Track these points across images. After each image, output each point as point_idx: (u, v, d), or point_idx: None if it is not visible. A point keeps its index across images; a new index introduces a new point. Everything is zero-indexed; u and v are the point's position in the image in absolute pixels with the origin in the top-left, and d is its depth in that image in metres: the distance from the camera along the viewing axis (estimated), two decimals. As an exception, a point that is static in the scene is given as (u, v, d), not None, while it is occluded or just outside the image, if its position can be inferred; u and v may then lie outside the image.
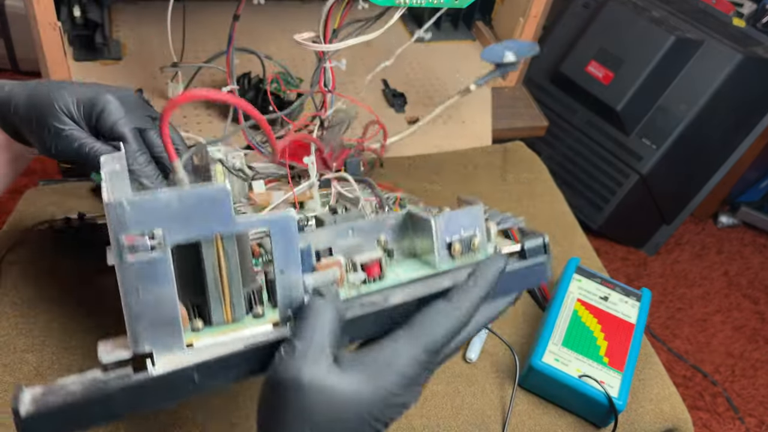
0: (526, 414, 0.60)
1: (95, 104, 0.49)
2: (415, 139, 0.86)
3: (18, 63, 1.79)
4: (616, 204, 1.66)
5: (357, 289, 0.38)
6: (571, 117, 1.68)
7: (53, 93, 0.49)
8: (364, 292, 0.38)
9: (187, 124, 0.80)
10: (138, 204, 0.30)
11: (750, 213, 1.92)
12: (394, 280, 0.39)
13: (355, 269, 0.38)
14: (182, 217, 0.31)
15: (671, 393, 0.65)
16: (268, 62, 0.78)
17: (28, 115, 0.49)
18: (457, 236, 0.40)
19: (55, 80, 0.51)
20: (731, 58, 1.48)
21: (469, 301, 0.36)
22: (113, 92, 0.51)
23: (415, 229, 0.41)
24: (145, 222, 0.30)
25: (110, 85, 0.52)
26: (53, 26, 0.70)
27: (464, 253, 0.40)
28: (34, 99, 0.49)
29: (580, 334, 0.62)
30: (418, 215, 0.40)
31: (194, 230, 0.31)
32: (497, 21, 1.05)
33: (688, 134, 1.54)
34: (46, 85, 0.50)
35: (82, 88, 0.50)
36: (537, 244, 0.41)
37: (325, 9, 0.56)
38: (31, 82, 0.51)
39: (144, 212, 0.30)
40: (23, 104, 0.49)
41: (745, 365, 1.58)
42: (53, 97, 0.49)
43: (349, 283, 0.38)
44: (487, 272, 0.38)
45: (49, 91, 0.49)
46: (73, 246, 0.64)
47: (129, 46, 0.89)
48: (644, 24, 1.53)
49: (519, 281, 0.41)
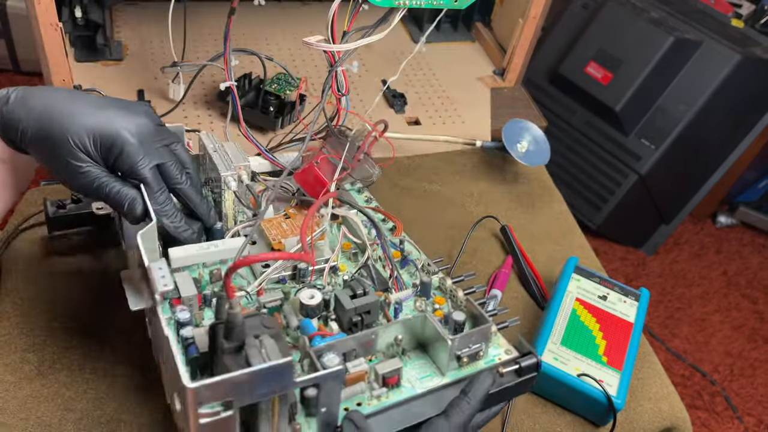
0: (525, 413, 0.60)
1: (114, 144, 0.47)
2: (415, 141, 0.86)
3: (19, 63, 1.79)
4: (615, 204, 1.66)
5: (379, 401, 0.44)
6: (570, 117, 1.68)
7: (66, 126, 0.46)
8: (386, 405, 0.44)
9: (188, 125, 0.81)
10: (215, 385, 0.34)
11: (748, 213, 1.92)
12: (409, 390, 0.45)
13: (377, 380, 0.45)
14: (251, 387, 0.35)
15: (670, 392, 0.65)
16: (268, 63, 0.78)
17: (40, 146, 0.47)
18: (467, 350, 0.47)
19: (64, 102, 0.48)
20: (730, 58, 1.48)
21: (464, 416, 0.43)
22: (130, 128, 0.48)
23: (431, 334, 0.47)
24: (218, 396, 0.35)
25: (122, 106, 0.50)
26: (54, 27, 0.70)
27: (470, 363, 0.48)
28: (45, 132, 0.47)
29: (578, 333, 0.63)
30: (436, 331, 0.46)
31: (259, 395, 0.36)
32: (496, 22, 1.05)
33: (687, 134, 1.54)
34: (57, 115, 0.47)
35: (96, 118, 0.48)
36: (531, 363, 0.48)
37: (331, 11, 0.56)
38: (36, 100, 0.48)
39: (220, 390, 0.35)
40: (33, 134, 0.47)
41: (744, 365, 1.58)
42: (67, 130, 0.46)
43: (372, 395, 0.44)
44: (480, 390, 0.44)
45: (62, 124, 0.47)
46: (74, 246, 0.65)
47: (130, 47, 0.89)
48: (643, 25, 1.53)
49: (510, 392, 0.48)
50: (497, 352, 0.49)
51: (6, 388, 0.53)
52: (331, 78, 0.61)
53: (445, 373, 0.47)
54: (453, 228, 0.76)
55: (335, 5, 0.56)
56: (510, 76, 0.99)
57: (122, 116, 0.49)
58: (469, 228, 0.76)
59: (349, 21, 0.58)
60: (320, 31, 0.58)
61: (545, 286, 0.72)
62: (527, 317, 0.69)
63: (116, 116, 0.48)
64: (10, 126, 0.48)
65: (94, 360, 0.56)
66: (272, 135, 0.81)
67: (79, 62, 0.84)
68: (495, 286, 0.70)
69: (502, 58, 0.99)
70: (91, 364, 0.55)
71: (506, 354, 0.49)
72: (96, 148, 0.47)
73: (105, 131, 0.47)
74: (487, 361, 0.48)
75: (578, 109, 1.66)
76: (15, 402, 0.52)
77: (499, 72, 1.00)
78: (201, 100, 0.84)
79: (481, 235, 0.76)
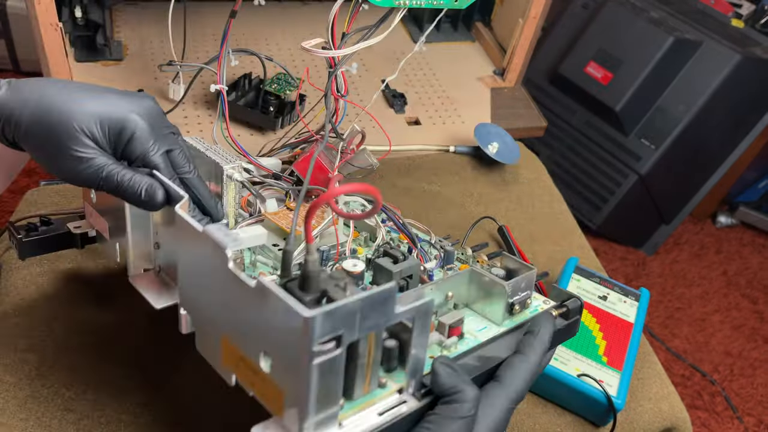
0: (525, 413, 0.60)
1: (124, 128, 0.44)
2: (415, 140, 0.86)
3: (19, 63, 1.79)
4: (614, 204, 1.66)
5: (449, 351, 0.44)
6: (570, 117, 1.69)
7: (70, 112, 0.42)
8: (457, 354, 0.44)
9: (188, 124, 0.81)
10: (330, 314, 0.32)
11: (748, 213, 1.92)
12: (473, 340, 0.45)
13: (443, 331, 0.44)
14: (361, 317, 0.34)
15: (670, 392, 0.65)
16: (268, 63, 0.78)
17: (38, 138, 0.43)
18: (518, 297, 0.48)
19: (62, 90, 0.44)
20: (730, 58, 1.48)
21: (538, 353, 0.44)
22: (139, 111, 0.45)
23: (481, 288, 0.48)
24: (332, 329, 0.33)
25: (124, 92, 0.46)
26: (54, 27, 0.70)
27: (521, 311, 0.48)
28: (44, 118, 0.42)
29: (578, 333, 0.62)
30: (489, 278, 0.47)
31: (366, 328, 0.35)
32: (496, 22, 1.05)
33: (687, 134, 1.54)
34: (57, 102, 0.43)
35: (103, 102, 0.44)
36: (576, 305, 0.50)
37: (331, 14, 0.56)
38: (30, 89, 0.44)
39: (333, 320, 0.33)
40: (29, 126, 0.43)
41: (744, 364, 1.58)
42: (71, 117, 0.42)
43: (443, 345, 0.44)
44: (547, 328, 0.45)
45: (63, 111, 0.42)
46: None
47: (130, 47, 0.89)
48: (643, 25, 1.53)
49: (562, 335, 0.50)
50: (537, 303, 0.50)
51: (6, 389, 0.53)
52: (330, 82, 0.61)
53: (500, 323, 0.47)
54: (453, 228, 0.76)
55: (336, 8, 0.56)
56: (510, 76, 0.99)
57: (128, 100, 0.45)
58: (468, 228, 0.76)
59: (348, 22, 0.58)
60: (320, 31, 0.58)
61: (545, 287, 0.72)
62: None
63: (121, 100, 0.45)
64: (3, 118, 0.43)
65: (96, 360, 0.56)
66: (272, 135, 0.81)
67: (79, 62, 0.84)
68: (495, 286, 0.70)
69: (502, 58, 1.00)
70: (90, 364, 0.55)
71: (545, 303, 0.50)
72: (104, 133, 0.43)
73: (114, 115, 0.44)
74: (532, 311, 0.49)
75: (578, 109, 1.66)
76: (15, 402, 0.52)
77: (499, 72, 1.00)
78: (201, 100, 0.84)
79: (482, 235, 0.76)
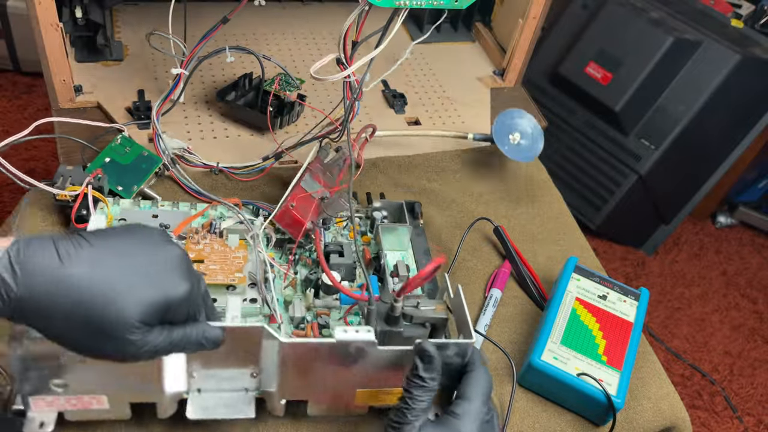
0: (525, 412, 0.60)
1: (169, 308, 0.42)
2: (415, 139, 0.86)
3: (20, 63, 1.79)
4: (614, 204, 1.66)
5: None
6: (569, 117, 1.69)
7: (118, 304, 0.39)
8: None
9: (189, 124, 0.81)
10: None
11: (748, 213, 1.92)
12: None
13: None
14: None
15: (669, 392, 0.65)
16: (268, 63, 0.78)
17: (68, 318, 0.38)
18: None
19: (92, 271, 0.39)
20: (729, 58, 1.48)
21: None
22: (178, 284, 0.42)
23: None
24: None
25: (158, 259, 0.42)
26: (55, 27, 0.70)
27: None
28: (79, 307, 0.38)
29: (578, 332, 0.63)
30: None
31: None
32: (496, 22, 1.05)
33: (687, 135, 1.55)
34: (100, 289, 0.38)
35: (148, 287, 0.40)
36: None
37: (344, 28, 0.57)
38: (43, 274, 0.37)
39: None
40: (53, 304, 0.37)
41: (744, 364, 1.58)
42: (120, 309, 0.39)
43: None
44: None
45: (108, 302, 0.38)
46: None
47: (130, 47, 0.89)
48: (643, 25, 1.53)
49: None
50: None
51: (7, 388, 0.53)
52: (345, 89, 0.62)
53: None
54: (453, 227, 0.76)
55: (348, 23, 0.56)
56: (510, 76, 0.99)
57: (168, 273, 0.42)
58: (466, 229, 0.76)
59: (357, 29, 0.59)
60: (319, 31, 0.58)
61: (544, 286, 0.72)
62: (527, 317, 0.69)
63: (163, 276, 0.42)
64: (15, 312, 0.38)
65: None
66: (272, 135, 0.81)
67: (79, 62, 0.84)
68: (495, 285, 0.70)
69: (502, 58, 1.00)
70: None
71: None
72: (152, 315, 0.41)
73: (159, 299, 0.41)
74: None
75: (578, 109, 1.66)
76: (16, 401, 0.52)
77: (499, 72, 1.01)
78: (201, 100, 0.85)
79: (482, 234, 0.77)
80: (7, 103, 1.73)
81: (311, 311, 0.59)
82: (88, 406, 0.48)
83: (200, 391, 0.51)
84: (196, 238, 0.61)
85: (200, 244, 0.60)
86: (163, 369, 0.47)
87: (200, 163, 0.74)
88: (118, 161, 0.69)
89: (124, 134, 0.72)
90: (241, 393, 0.51)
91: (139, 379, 0.47)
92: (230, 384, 0.51)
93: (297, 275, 0.62)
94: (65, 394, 0.47)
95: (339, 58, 0.59)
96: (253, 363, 0.49)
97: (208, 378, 0.50)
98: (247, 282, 0.59)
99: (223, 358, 0.48)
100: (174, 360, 0.47)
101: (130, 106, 0.79)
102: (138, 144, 0.72)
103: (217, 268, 0.58)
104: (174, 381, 0.48)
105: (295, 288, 0.61)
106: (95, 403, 0.48)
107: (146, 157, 0.71)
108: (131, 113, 0.79)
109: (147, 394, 0.49)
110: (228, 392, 0.51)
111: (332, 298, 0.59)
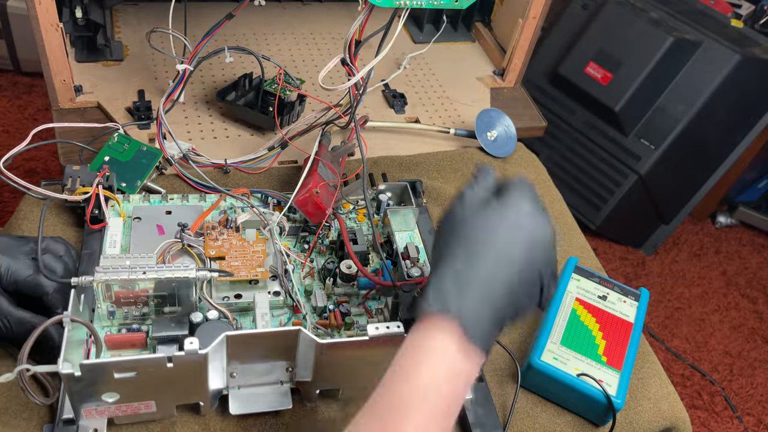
0: (525, 412, 0.60)
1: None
2: (415, 139, 0.86)
3: (20, 64, 1.79)
4: (614, 204, 1.66)
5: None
6: (569, 117, 1.69)
7: None
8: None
9: (189, 125, 0.81)
10: None
11: (748, 213, 1.92)
12: None
13: None
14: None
15: (669, 392, 0.65)
16: (268, 63, 0.78)
17: None
18: None
19: None
20: (729, 58, 1.49)
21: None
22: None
23: None
24: None
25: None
26: (55, 27, 0.70)
27: None
28: None
29: (578, 333, 0.63)
30: None
31: None
32: (496, 22, 1.05)
33: (687, 135, 1.55)
34: None
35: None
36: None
37: (350, 32, 0.58)
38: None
39: None
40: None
41: (743, 364, 1.58)
42: None
43: None
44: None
45: None
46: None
47: (130, 47, 0.89)
48: (643, 25, 1.53)
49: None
50: None
51: (9, 389, 0.53)
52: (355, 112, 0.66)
53: None
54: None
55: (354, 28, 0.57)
56: (510, 76, 0.99)
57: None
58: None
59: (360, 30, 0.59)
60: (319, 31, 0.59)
61: (545, 286, 0.72)
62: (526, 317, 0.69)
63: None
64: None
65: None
66: (272, 135, 0.81)
67: (79, 62, 0.84)
68: (495, 286, 0.70)
69: (502, 58, 1.00)
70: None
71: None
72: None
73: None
74: None
75: (578, 109, 1.67)
76: (17, 402, 0.52)
77: (499, 72, 1.01)
78: (201, 100, 0.85)
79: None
80: (7, 103, 1.73)
81: (332, 299, 0.61)
82: (137, 411, 0.50)
83: (239, 387, 0.54)
84: (214, 234, 0.61)
85: (219, 240, 0.61)
86: (208, 372, 0.49)
87: (208, 162, 0.74)
88: (117, 159, 0.69)
89: (119, 132, 0.72)
90: (276, 386, 0.55)
91: (186, 384, 0.49)
92: (267, 378, 0.54)
93: (314, 264, 0.64)
94: (116, 404, 0.49)
95: (344, 58, 0.60)
96: (290, 359, 0.52)
97: (247, 374, 0.53)
98: (269, 275, 0.60)
99: (262, 357, 0.52)
100: (217, 363, 0.50)
101: (130, 106, 0.79)
102: (135, 140, 0.72)
103: (239, 264, 0.59)
104: (217, 381, 0.52)
105: (314, 277, 0.63)
106: (143, 408, 0.50)
107: (145, 152, 0.71)
108: (131, 113, 0.79)
109: (192, 396, 0.52)
110: (265, 386, 0.54)
111: (350, 285, 0.61)
